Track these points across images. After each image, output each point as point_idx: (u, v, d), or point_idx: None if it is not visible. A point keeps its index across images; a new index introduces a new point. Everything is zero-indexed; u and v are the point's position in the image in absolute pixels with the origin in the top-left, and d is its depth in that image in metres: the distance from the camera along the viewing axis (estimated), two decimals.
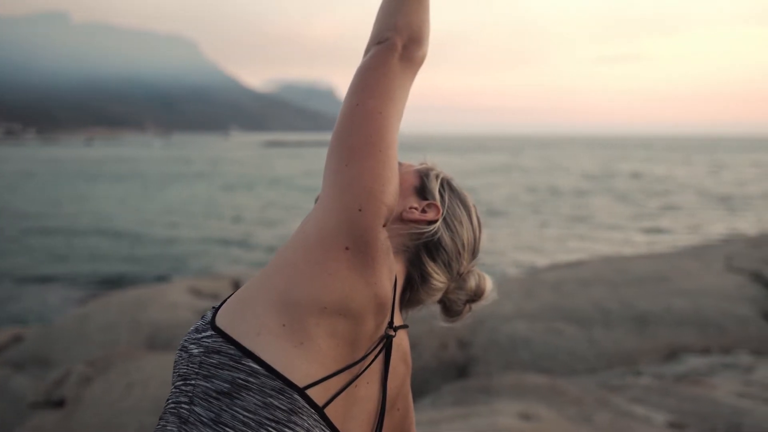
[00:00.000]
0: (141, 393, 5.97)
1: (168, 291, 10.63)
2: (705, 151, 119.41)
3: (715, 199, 37.79)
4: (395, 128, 1.28)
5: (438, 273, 1.39)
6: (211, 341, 1.16)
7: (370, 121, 1.24)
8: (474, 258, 1.45)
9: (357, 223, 1.17)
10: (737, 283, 9.83)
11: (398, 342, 1.33)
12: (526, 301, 9.33)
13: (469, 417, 5.35)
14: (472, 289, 1.43)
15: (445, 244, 1.39)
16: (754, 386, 6.74)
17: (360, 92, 1.28)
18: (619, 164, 76.49)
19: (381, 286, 1.20)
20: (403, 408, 1.39)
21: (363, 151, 1.22)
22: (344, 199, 1.18)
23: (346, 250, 1.17)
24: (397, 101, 1.29)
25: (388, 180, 1.23)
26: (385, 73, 1.29)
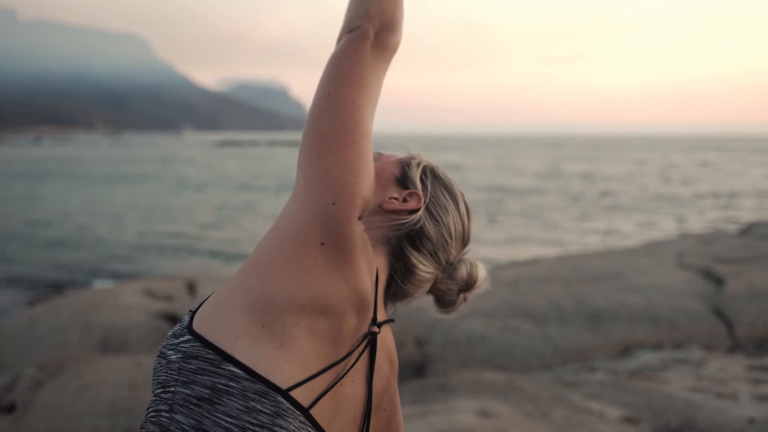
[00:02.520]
0: (94, 396, 5.86)
1: (121, 292, 10.45)
2: (653, 151, 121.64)
3: (664, 198, 38.51)
4: (369, 118, 1.24)
5: (424, 263, 1.35)
6: (189, 346, 1.12)
7: (342, 111, 1.21)
8: (464, 246, 1.42)
9: (331, 216, 1.14)
10: (688, 279, 10.03)
11: (383, 338, 1.29)
12: (483, 298, 9.35)
13: (427, 415, 5.37)
14: (464, 279, 1.39)
15: (429, 234, 1.36)
16: (706, 380, 6.88)
17: (332, 81, 1.24)
18: (568, 164, 77.51)
19: (360, 281, 1.17)
20: (389, 409, 1.36)
21: (336, 141, 1.18)
22: (317, 192, 1.15)
23: (322, 246, 1.13)
24: (370, 90, 1.26)
25: (363, 171, 1.19)
26: (358, 62, 1.26)
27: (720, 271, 10.25)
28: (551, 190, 43.85)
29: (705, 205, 35.05)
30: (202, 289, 10.76)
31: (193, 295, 10.57)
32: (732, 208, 33.49)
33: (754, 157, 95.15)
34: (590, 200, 37.70)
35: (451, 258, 1.39)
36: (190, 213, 33.38)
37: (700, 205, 34.69)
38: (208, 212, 33.93)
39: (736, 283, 9.57)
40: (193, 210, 34.73)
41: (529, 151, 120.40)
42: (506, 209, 33.58)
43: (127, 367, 6.47)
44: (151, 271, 18.52)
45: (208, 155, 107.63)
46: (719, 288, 9.60)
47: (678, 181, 50.63)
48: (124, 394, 5.93)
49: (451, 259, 1.39)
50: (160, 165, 78.11)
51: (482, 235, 25.02)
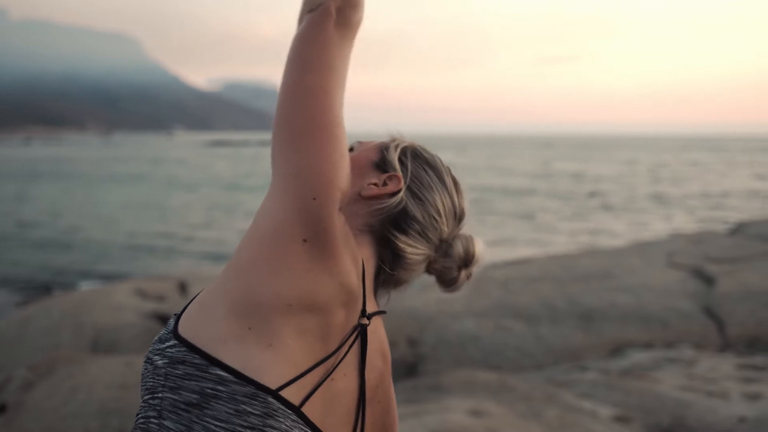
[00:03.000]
0: (86, 397, 5.84)
1: (112, 293, 10.43)
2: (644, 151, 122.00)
3: (654, 198, 38.63)
4: (340, 102, 1.19)
5: (412, 245, 1.31)
6: (175, 351, 1.10)
7: (312, 99, 1.16)
8: (458, 222, 1.37)
9: (312, 212, 1.11)
10: (679, 279, 10.07)
11: (373, 330, 1.27)
12: (475, 298, 9.40)
13: (420, 415, 5.37)
14: (461, 255, 1.34)
15: (414, 214, 1.31)
16: (697, 379, 6.90)
17: (297, 67, 1.19)
18: (560, 163, 77.67)
19: (346, 274, 1.15)
20: (383, 401, 1.33)
21: (309, 132, 1.14)
22: (296, 188, 1.12)
23: (305, 242, 1.10)
24: (338, 72, 1.20)
25: (340, 161, 1.16)
26: (323, 44, 1.19)
27: (711, 270, 10.29)
28: (542, 190, 43.94)
29: (695, 204, 35.18)
30: (193, 289, 10.75)
31: (185, 295, 10.55)
32: (722, 207, 33.63)
33: (745, 157, 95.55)
34: (581, 200, 37.80)
35: (445, 235, 1.34)
36: (181, 213, 33.32)
37: (691, 205, 34.82)
38: (198, 212, 33.87)
39: (726, 283, 9.61)
40: (183, 210, 34.67)
41: (522, 151, 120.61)
42: (497, 209, 33.62)
43: (119, 368, 6.45)
44: (142, 272, 18.46)
45: (199, 155, 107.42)
46: (710, 287, 9.64)
47: (668, 181, 50.79)
48: (115, 394, 5.91)
49: (445, 236, 1.34)
50: (151, 165, 77.92)
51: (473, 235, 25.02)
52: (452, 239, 1.35)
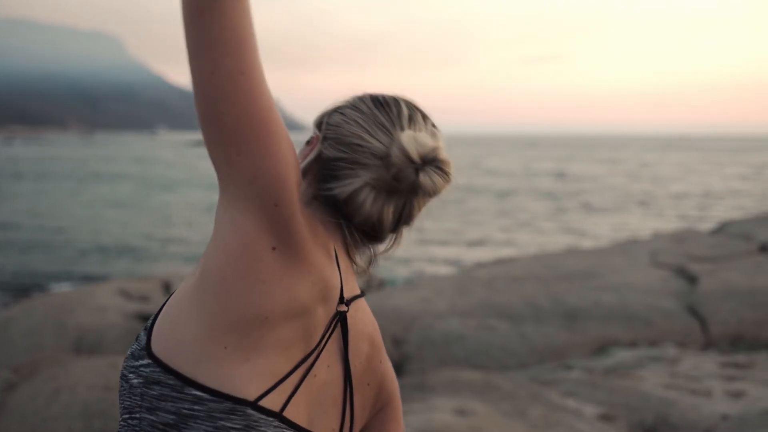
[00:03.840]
0: (69, 398, 5.80)
1: (95, 293, 10.35)
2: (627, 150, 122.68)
3: (637, 197, 38.84)
4: (265, 84, 1.06)
5: (348, 183, 1.18)
6: (150, 371, 1.08)
7: (236, 90, 1.02)
8: (392, 130, 1.20)
9: (276, 219, 1.06)
10: (662, 277, 10.13)
11: (354, 315, 1.23)
12: (460, 298, 9.41)
13: (405, 414, 5.37)
14: (404, 150, 1.16)
15: (331, 154, 1.21)
16: (680, 378, 6.95)
17: (203, 54, 1.02)
18: (542, 163, 77.95)
19: (320, 270, 1.13)
20: (374, 382, 1.29)
21: (247, 132, 1.03)
22: (254, 197, 1.05)
23: (274, 251, 1.07)
24: (251, 45, 1.04)
25: (287, 153, 1.08)
26: (221, 14, 1.01)
27: (693, 269, 10.37)
28: (525, 190, 44.07)
29: (678, 204, 35.41)
30: None
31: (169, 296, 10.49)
32: (704, 207, 33.87)
33: (727, 157, 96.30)
34: (564, 200, 37.94)
35: (381, 150, 1.18)
36: (163, 213, 33.14)
37: (673, 205, 35.04)
38: (181, 212, 33.70)
39: (709, 282, 9.68)
40: (166, 210, 34.48)
41: (505, 151, 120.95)
42: (480, 209, 33.69)
43: (102, 369, 6.41)
44: (124, 273, 18.35)
45: (182, 155, 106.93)
46: (693, 286, 9.71)
47: (651, 181, 51.09)
48: (98, 395, 5.87)
49: (382, 150, 1.18)
50: (133, 165, 77.45)
51: (455, 236, 25.09)
52: (392, 149, 1.17)
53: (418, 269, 18.22)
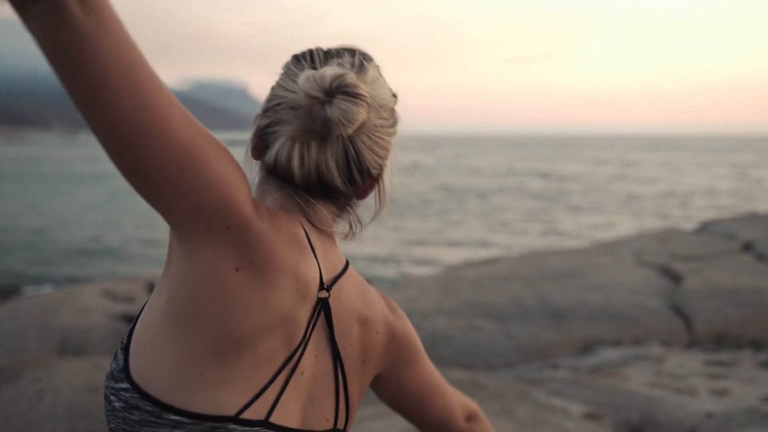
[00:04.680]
0: (53, 400, 5.75)
1: (79, 294, 10.29)
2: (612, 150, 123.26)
3: (621, 197, 39.03)
4: (172, 97, 0.96)
5: (277, 143, 1.14)
6: (129, 396, 1.06)
7: (144, 129, 0.92)
8: (317, 69, 1.13)
9: (233, 241, 1.02)
10: (646, 276, 10.18)
11: (338, 296, 1.18)
12: (446, 298, 9.43)
13: (391, 414, 5.37)
14: (307, 95, 1.09)
15: (265, 122, 1.17)
16: (665, 376, 6.99)
17: (83, 91, 0.90)
18: (528, 163, 78.21)
19: (293, 267, 1.09)
20: (370, 357, 1.24)
21: (175, 171, 0.95)
22: (204, 228, 1.00)
23: (238, 272, 1.02)
24: (142, 58, 0.92)
25: (223, 167, 1.00)
26: (91, 40, 0.87)
27: (678, 268, 10.43)
28: (509, 190, 44.19)
29: (662, 203, 35.61)
30: None
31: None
32: (688, 206, 34.09)
33: (711, 156, 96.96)
34: (549, 200, 38.07)
35: (294, 99, 1.12)
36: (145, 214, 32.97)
37: (657, 204, 35.25)
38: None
39: (693, 280, 9.75)
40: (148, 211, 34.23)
41: (489, 151, 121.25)
42: (464, 209, 33.75)
43: (87, 370, 6.37)
44: (108, 274, 18.24)
45: None
46: (677, 285, 9.77)
47: (635, 180, 51.36)
48: (83, 397, 5.83)
49: (294, 101, 1.12)
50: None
51: (440, 236, 25.12)
52: (299, 91, 1.11)
53: (403, 270, 18.24)
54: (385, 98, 1.19)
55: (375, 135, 1.16)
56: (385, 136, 1.18)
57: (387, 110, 1.19)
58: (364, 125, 1.13)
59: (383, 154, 1.20)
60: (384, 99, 1.18)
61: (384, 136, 1.18)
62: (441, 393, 1.42)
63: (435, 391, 1.40)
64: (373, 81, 1.16)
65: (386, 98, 1.19)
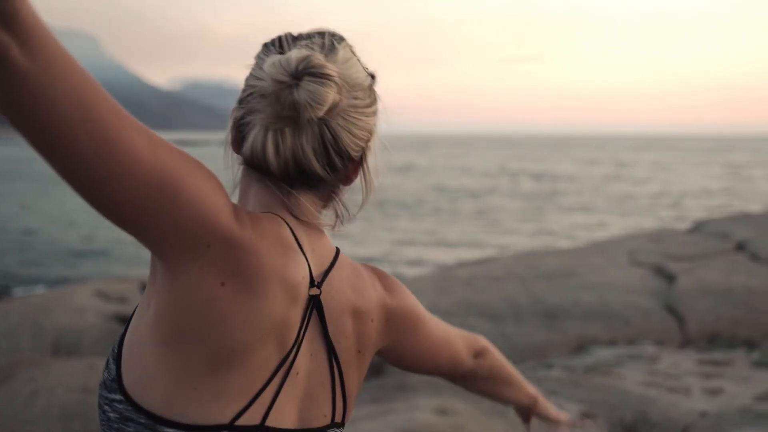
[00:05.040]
0: (47, 401, 5.75)
1: (72, 295, 10.27)
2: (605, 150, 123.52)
3: (614, 197, 39.12)
4: (134, 122, 0.94)
5: (251, 133, 1.12)
6: (123, 408, 1.05)
7: (112, 161, 0.90)
8: (285, 55, 1.09)
9: (214, 257, 0.99)
10: (640, 276, 10.21)
11: (329, 290, 1.16)
12: (440, 297, 9.43)
13: (387, 414, 5.37)
14: (274, 80, 1.07)
15: (239, 113, 1.15)
16: (659, 375, 7.01)
17: (47, 141, 0.88)
18: (520, 163, 78.32)
19: (280, 270, 1.07)
20: (366, 347, 1.23)
21: (148, 202, 0.94)
22: (183, 250, 0.98)
23: (224, 286, 1.01)
24: (98, 91, 0.91)
25: (196, 186, 0.97)
26: (43, 88, 0.84)
27: (671, 268, 10.46)
28: (503, 190, 44.25)
29: (655, 203, 35.71)
30: None
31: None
32: (681, 206, 34.19)
33: (704, 156, 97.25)
34: (542, 200, 38.13)
35: (264, 87, 1.10)
36: None
37: (650, 204, 35.34)
38: None
39: (686, 280, 9.77)
40: None
41: (483, 151, 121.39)
42: (458, 209, 33.77)
43: (81, 370, 6.36)
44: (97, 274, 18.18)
45: None
46: (670, 285, 9.79)
47: (629, 180, 51.48)
48: (77, 397, 5.82)
49: (264, 88, 1.10)
50: None
51: (433, 237, 25.12)
52: (273, 83, 1.09)
53: (397, 270, 18.25)
54: (359, 78, 1.14)
55: (350, 116, 1.12)
56: (362, 116, 1.14)
57: (361, 90, 1.14)
58: (336, 106, 1.09)
59: (363, 136, 1.16)
60: (357, 78, 1.14)
61: (361, 116, 1.14)
62: (445, 345, 1.42)
63: (438, 347, 1.41)
64: (344, 61, 1.13)
65: (360, 78, 1.15)
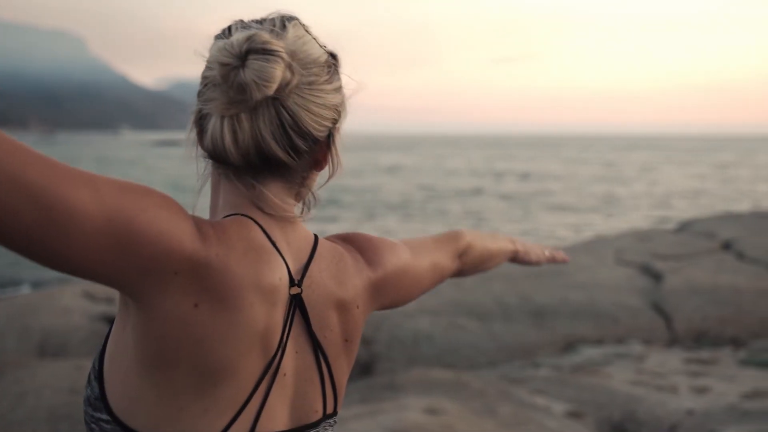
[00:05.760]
0: (34, 402, 5.71)
1: (59, 295, 10.20)
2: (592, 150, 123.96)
3: (601, 196, 39.25)
4: (72, 174, 0.93)
5: (208, 126, 1.09)
6: (111, 428, 1.04)
7: (58, 214, 0.88)
8: (231, 35, 1.06)
9: (183, 282, 0.98)
10: (627, 275, 10.25)
11: (310, 285, 1.14)
12: (428, 296, 9.41)
13: (376, 414, 5.37)
14: (220, 64, 1.04)
15: (199, 107, 1.12)
16: (646, 374, 7.04)
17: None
18: (508, 163, 78.45)
19: (256, 278, 1.05)
20: (353, 334, 1.22)
21: (107, 254, 0.91)
22: (153, 283, 0.97)
23: (197, 307, 0.99)
24: (28, 155, 0.89)
25: (154, 220, 0.95)
26: None
27: (658, 267, 10.50)
28: (490, 190, 44.31)
29: (641, 203, 35.86)
30: None
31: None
32: (667, 205, 34.35)
33: (690, 156, 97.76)
34: (529, 199, 38.22)
35: (219, 72, 1.04)
36: None
37: (637, 203, 35.48)
38: None
39: (673, 279, 9.82)
40: None
41: (471, 151, 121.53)
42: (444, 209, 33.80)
43: (68, 372, 6.32)
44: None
45: (146, 155, 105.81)
46: (657, 284, 9.84)
47: (616, 180, 51.67)
48: (64, 399, 5.79)
49: (219, 72, 1.05)
50: (95, 165, 76.43)
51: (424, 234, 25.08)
52: (221, 67, 1.05)
53: None
54: (313, 54, 1.09)
55: (308, 93, 1.07)
56: (321, 93, 1.09)
57: (317, 66, 1.09)
58: (288, 84, 1.04)
59: (326, 114, 1.10)
60: (312, 55, 1.09)
61: (320, 93, 1.09)
62: (430, 272, 1.43)
63: (425, 278, 1.41)
64: (296, 39, 1.08)
65: (314, 54, 1.09)
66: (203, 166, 1.17)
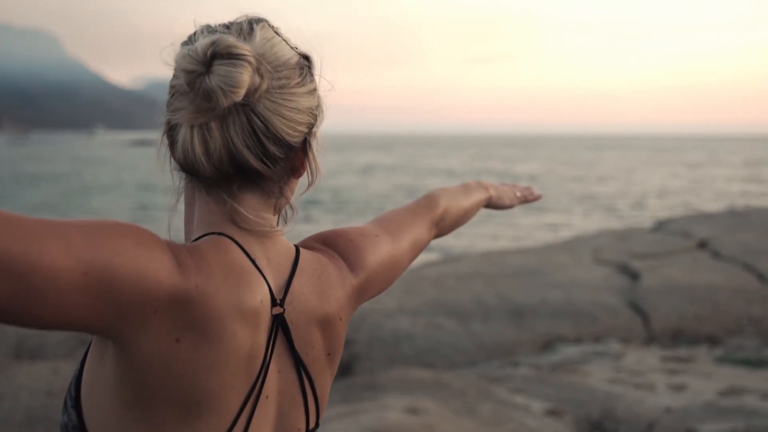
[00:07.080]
0: (11, 405, 5.65)
1: None
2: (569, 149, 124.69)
3: (579, 196, 39.49)
4: (41, 231, 0.85)
5: (178, 136, 1.03)
6: None
7: (31, 278, 0.82)
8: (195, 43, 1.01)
9: (163, 319, 0.94)
10: (605, 274, 10.33)
11: (292, 302, 1.10)
12: (408, 296, 9.45)
13: (357, 414, 5.37)
14: (185, 71, 0.99)
15: (165, 119, 1.07)
16: (624, 372, 7.09)
17: None
18: (486, 163, 78.73)
19: (237, 304, 1.01)
20: (335, 348, 1.19)
21: (85, 305, 0.87)
22: (133, 327, 0.93)
23: (179, 342, 0.96)
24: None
25: (129, 254, 0.90)
26: None
27: (635, 266, 10.59)
28: None
29: (618, 202, 36.12)
30: None
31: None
32: (644, 205, 34.63)
33: (666, 156, 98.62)
34: None
35: (184, 80, 1.00)
36: (101, 215, 32.48)
37: (614, 203, 35.73)
38: (120, 213, 33.10)
39: (650, 278, 9.91)
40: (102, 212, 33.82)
41: (449, 151, 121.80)
42: None
43: (45, 374, 6.27)
44: None
45: (121, 154, 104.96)
46: (635, 282, 9.92)
47: (592, 180, 52.01)
48: (41, 401, 5.74)
49: (185, 80, 1.00)
50: (70, 165, 75.71)
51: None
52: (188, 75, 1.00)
53: None
54: (283, 56, 1.05)
55: (279, 98, 1.02)
56: (293, 97, 1.04)
57: (288, 68, 1.05)
58: (257, 89, 1.00)
59: (299, 118, 1.05)
60: (282, 57, 1.04)
61: (292, 97, 1.04)
62: (409, 251, 1.39)
63: (404, 260, 1.38)
64: (264, 41, 1.03)
65: (284, 56, 1.05)
66: (177, 180, 1.12)
